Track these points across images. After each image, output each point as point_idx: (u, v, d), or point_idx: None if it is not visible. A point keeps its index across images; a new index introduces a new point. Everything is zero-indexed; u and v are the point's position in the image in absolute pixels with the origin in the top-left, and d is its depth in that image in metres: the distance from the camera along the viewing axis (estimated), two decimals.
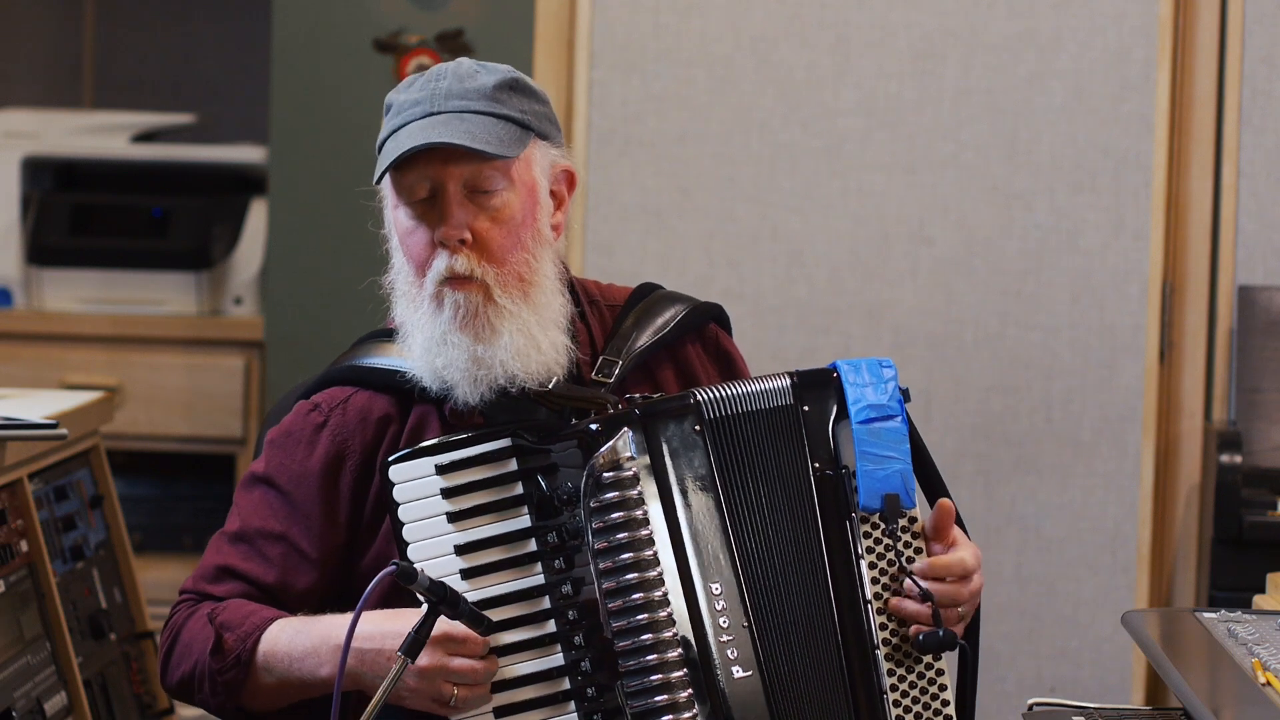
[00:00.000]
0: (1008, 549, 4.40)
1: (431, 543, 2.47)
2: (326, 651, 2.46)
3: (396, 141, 2.52)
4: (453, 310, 2.50)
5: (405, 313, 2.56)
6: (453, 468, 2.48)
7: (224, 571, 2.58)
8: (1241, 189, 4.39)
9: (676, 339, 2.66)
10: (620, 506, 2.44)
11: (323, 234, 4.50)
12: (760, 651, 2.44)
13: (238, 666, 2.50)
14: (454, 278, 2.50)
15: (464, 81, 2.54)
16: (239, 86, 5.49)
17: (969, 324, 4.42)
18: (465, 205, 2.50)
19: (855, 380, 2.51)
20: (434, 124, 2.51)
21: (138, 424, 4.73)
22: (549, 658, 2.45)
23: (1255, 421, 4.27)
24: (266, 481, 2.60)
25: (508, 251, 2.51)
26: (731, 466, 2.48)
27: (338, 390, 2.61)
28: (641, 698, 2.41)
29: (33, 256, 4.86)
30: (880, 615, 2.47)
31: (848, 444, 2.49)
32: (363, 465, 2.58)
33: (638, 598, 2.42)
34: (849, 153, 4.44)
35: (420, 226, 2.52)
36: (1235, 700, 2.39)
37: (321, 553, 2.57)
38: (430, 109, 2.52)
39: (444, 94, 2.53)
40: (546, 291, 2.55)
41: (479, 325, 2.50)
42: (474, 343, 2.50)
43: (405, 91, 2.57)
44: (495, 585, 2.46)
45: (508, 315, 2.50)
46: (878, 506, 2.47)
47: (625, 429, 2.46)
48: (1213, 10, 4.38)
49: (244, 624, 2.52)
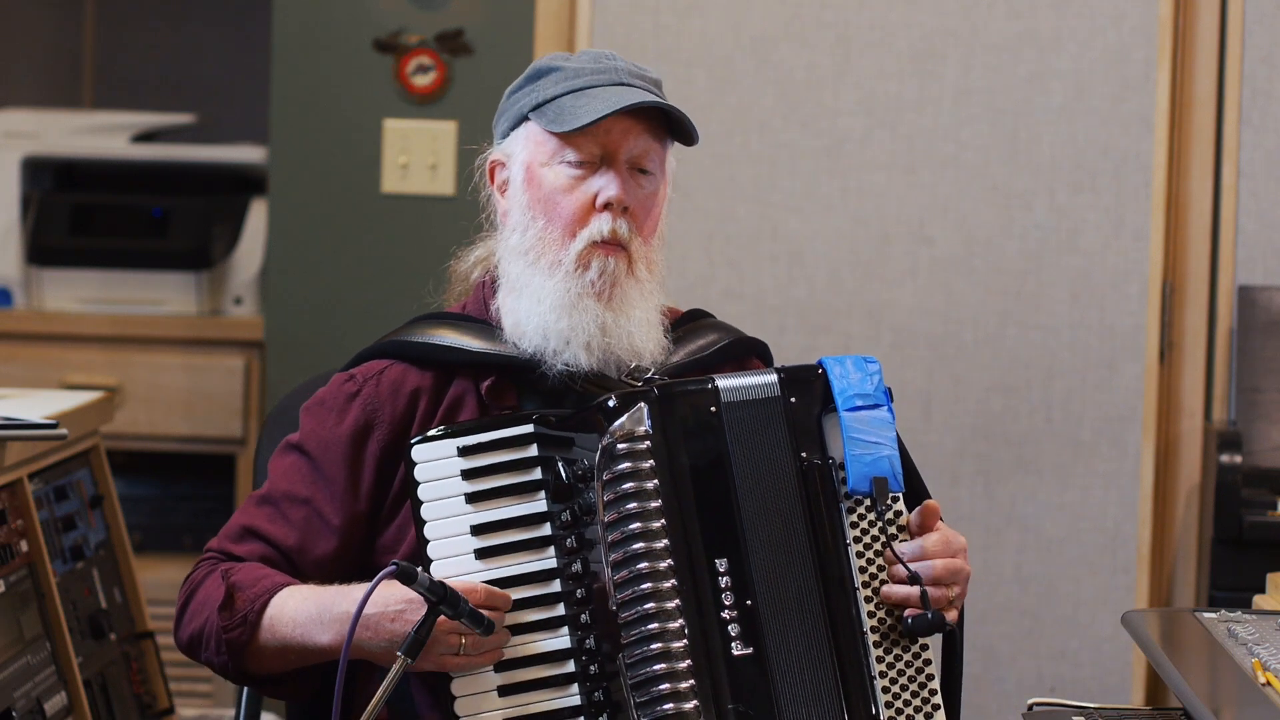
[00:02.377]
0: (1008, 549, 4.40)
1: (449, 522, 2.51)
2: (329, 619, 2.50)
3: (595, 99, 2.57)
4: (598, 273, 2.56)
5: (527, 273, 2.59)
6: (475, 450, 2.53)
7: (248, 531, 2.63)
8: (1241, 189, 4.39)
9: (714, 363, 2.71)
10: (631, 477, 2.47)
11: (323, 234, 4.50)
12: (762, 629, 2.46)
13: (244, 626, 2.54)
14: (610, 241, 2.56)
15: (636, 67, 2.62)
16: (239, 86, 5.49)
17: (969, 324, 4.42)
18: (628, 178, 2.58)
19: (841, 374, 2.55)
20: (630, 93, 2.57)
21: (138, 424, 4.73)
22: (556, 639, 2.49)
23: (1255, 421, 4.27)
24: (298, 448, 2.66)
25: (649, 234, 2.60)
26: (743, 450, 2.51)
27: (375, 363, 2.67)
28: (641, 667, 2.43)
29: (33, 256, 4.86)
30: (869, 603, 2.50)
31: (835, 436, 2.53)
32: (391, 436, 2.62)
33: (643, 567, 2.44)
34: (849, 153, 4.44)
35: (579, 187, 2.58)
36: (1235, 700, 2.39)
37: (343, 519, 2.61)
38: (618, 79, 2.59)
39: (626, 71, 2.61)
40: (659, 275, 2.63)
41: (616, 293, 2.56)
42: (604, 310, 2.56)
43: (572, 61, 2.63)
44: (508, 566, 2.50)
45: (641, 292, 2.57)
46: (866, 490, 2.50)
47: (642, 404, 2.49)
48: (1213, 10, 4.38)
49: (256, 585, 2.56)
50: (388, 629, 2.46)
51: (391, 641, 2.45)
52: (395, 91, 4.48)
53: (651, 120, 2.61)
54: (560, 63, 2.63)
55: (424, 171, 4.46)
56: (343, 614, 2.48)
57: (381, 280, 4.45)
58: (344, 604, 2.49)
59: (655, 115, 2.61)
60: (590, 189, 2.57)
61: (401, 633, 2.44)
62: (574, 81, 2.59)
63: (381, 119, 4.49)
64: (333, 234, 4.50)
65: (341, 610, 2.49)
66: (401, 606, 2.45)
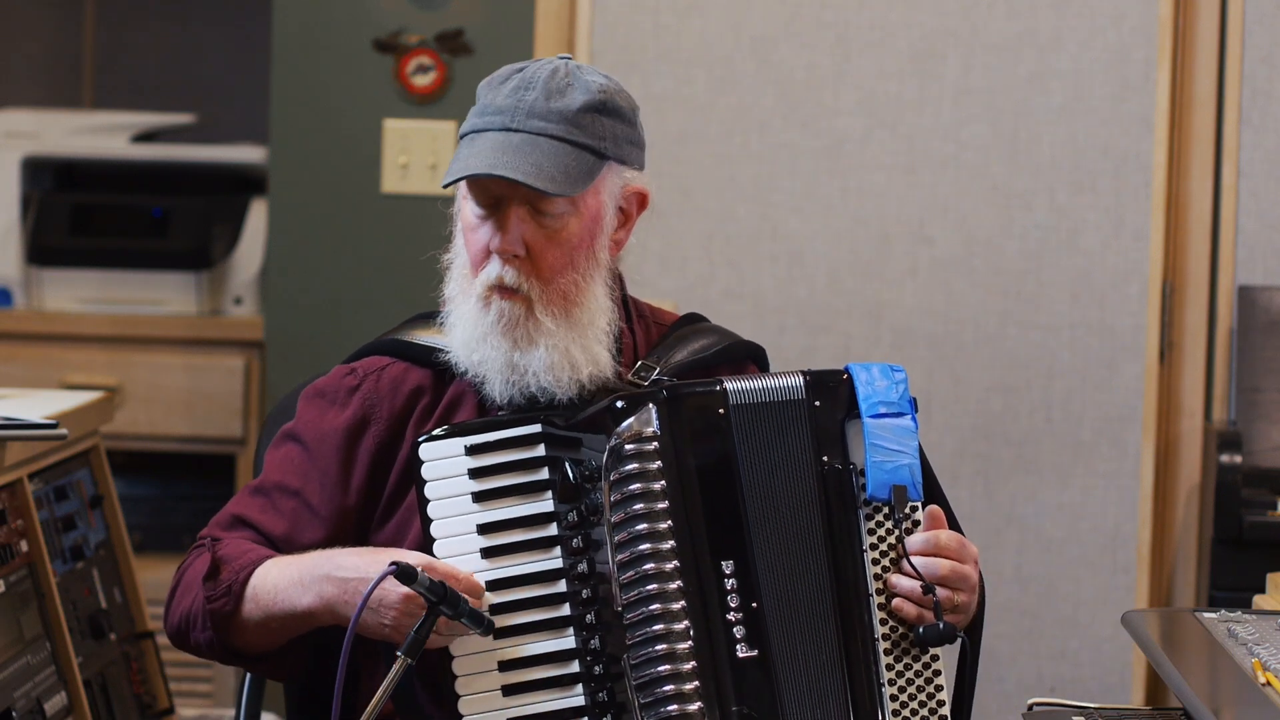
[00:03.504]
0: (1008, 549, 4.40)
1: (455, 520, 2.51)
2: (310, 580, 2.50)
3: (471, 149, 2.54)
4: (496, 316, 2.55)
5: (455, 296, 2.61)
6: (482, 449, 2.53)
7: (238, 520, 2.65)
8: (1241, 189, 4.39)
9: (714, 364, 2.71)
10: (639, 478, 2.46)
11: (323, 234, 4.50)
12: (768, 632, 2.46)
13: (228, 596, 2.54)
14: (502, 287, 2.54)
15: (551, 99, 2.55)
16: (239, 86, 5.49)
17: (969, 324, 4.42)
18: (525, 220, 2.54)
19: (866, 380, 2.55)
20: (509, 146, 2.52)
21: (138, 424, 4.73)
22: (561, 639, 2.49)
23: (1255, 421, 4.27)
24: (294, 437, 2.67)
25: (557, 272, 2.55)
26: (752, 452, 2.51)
27: (377, 359, 2.67)
28: (647, 668, 2.43)
29: (33, 256, 4.86)
30: (882, 610, 2.49)
31: (857, 441, 2.53)
32: (387, 433, 2.63)
33: (649, 568, 2.44)
34: (849, 153, 4.44)
35: (481, 227, 2.56)
36: (1235, 700, 2.39)
37: (330, 511, 2.62)
38: (510, 124, 2.54)
39: (527, 110, 2.54)
40: (590, 310, 2.58)
41: (518, 334, 2.54)
42: (511, 349, 2.55)
43: (495, 89, 2.58)
44: (514, 566, 2.51)
45: (546, 332, 2.54)
46: (885, 497, 2.50)
47: (650, 404, 2.49)
48: (1213, 10, 4.38)
49: (241, 558, 2.57)
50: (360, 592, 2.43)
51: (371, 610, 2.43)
52: (395, 91, 4.48)
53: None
54: (482, 91, 2.59)
55: (424, 171, 4.46)
56: (323, 575, 2.49)
57: (381, 280, 4.45)
58: (325, 566, 2.49)
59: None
60: (485, 233, 2.55)
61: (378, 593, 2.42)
62: (476, 120, 2.57)
63: (381, 119, 4.49)
64: (333, 234, 4.50)
65: (321, 573, 2.49)
66: (379, 569, 2.42)
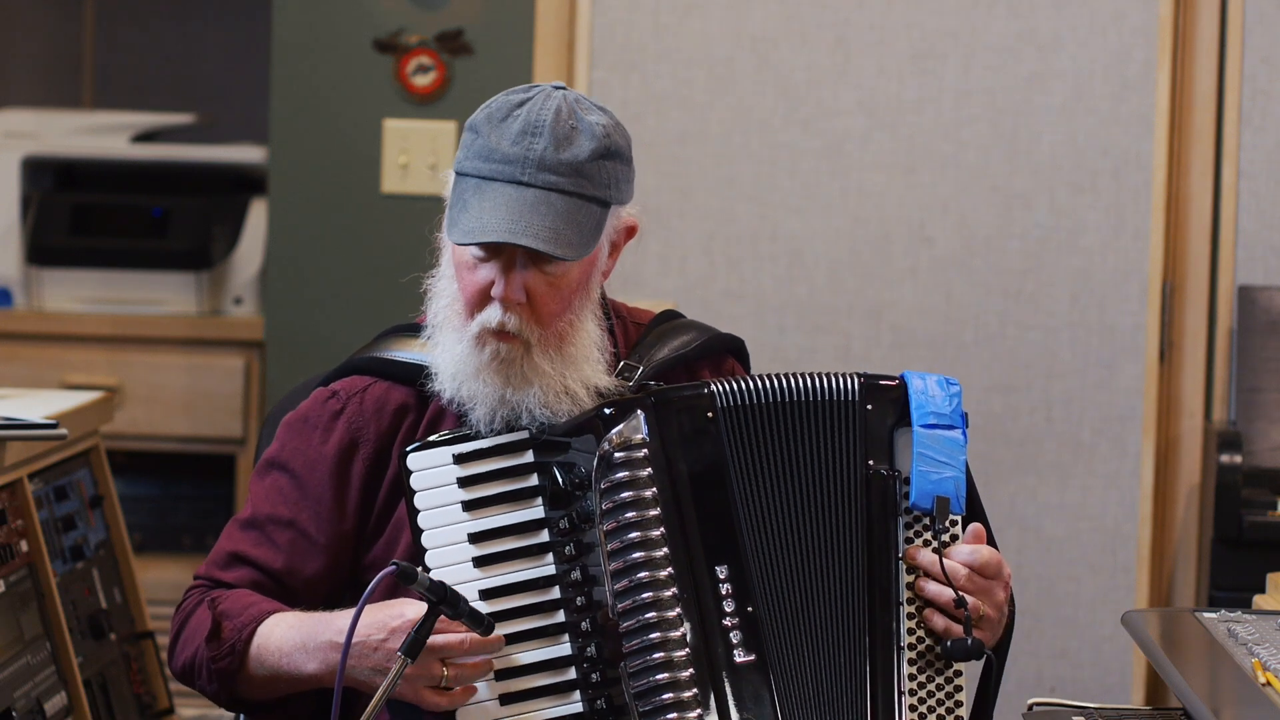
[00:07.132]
0: (1008, 549, 4.40)
1: (446, 530, 2.50)
2: (314, 647, 2.48)
3: (481, 202, 2.49)
4: (491, 355, 2.51)
5: (442, 325, 2.56)
6: (470, 458, 2.51)
7: (235, 558, 2.61)
8: (1241, 189, 4.39)
9: (695, 359, 2.69)
10: (629, 486, 2.46)
11: (323, 234, 4.50)
12: (765, 637, 2.46)
13: (232, 655, 2.53)
14: (501, 331, 2.51)
15: (560, 149, 2.49)
16: (239, 86, 5.49)
17: (969, 324, 4.42)
18: (527, 268, 2.50)
19: (921, 389, 2.53)
20: (523, 205, 2.47)
21: (138, 424, 4.73)
22: (557, 646, 2.48)
23: (1255, 421, 4.27)
24: (281, 466, 2.63)
25: (555, 316, 2.53)
26: (749, 455, 2.50)
27: (357, 379, 2.64)
28: (644, 676, 2.42)
29: (33, 256, 4.86)
30: (910, 620, 2.48)
31: (905, 449, 2.52)
32: (376, 454, 2.60)
33: (644, 576, 2.44)
34: (849, 153, 4.44)
35: (480, 268, 2.51)
36: (1235, 700, 2.39)
37: (329, 538, 2.60)
38: (520, 176, 2.49)
39: (537, 161, 2.49)
40: (584, 344, 2.56)
41: (512, 374, 2.52)
42: (504, 386, 2.52)
43: (498, 129, 2.53)
44: (507, 574, 2.49)
45: (541, 374, 2.52)
46: (928, 507, 2.49)
47: (638, 411, 2.49)
48: (1213, 10, 4.38)
49: (243, 614, 2.54)
50: (370, 659, 2.44)
51: (375, 671, 2.43)
52: (395, 91, 4.48)
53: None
54: (483, 127, 2.53)
55: (424, 171, 4.46)
56: (326, 643, 2.47)
57: (381, 280, 4.45)
58: (328, 632, 2.47)
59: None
60: (485, 275, 2.51)
61: (384, 663, 2.42)
62: (482, 164, 2.51)
63: (381, 119, 4.49)
64: (333, 234, 4.50)
65: (325, 639, 2.47)
66: (385, 635, 2.43)
